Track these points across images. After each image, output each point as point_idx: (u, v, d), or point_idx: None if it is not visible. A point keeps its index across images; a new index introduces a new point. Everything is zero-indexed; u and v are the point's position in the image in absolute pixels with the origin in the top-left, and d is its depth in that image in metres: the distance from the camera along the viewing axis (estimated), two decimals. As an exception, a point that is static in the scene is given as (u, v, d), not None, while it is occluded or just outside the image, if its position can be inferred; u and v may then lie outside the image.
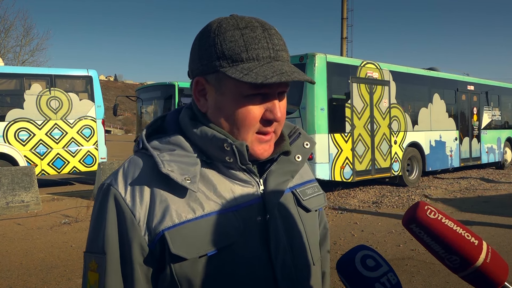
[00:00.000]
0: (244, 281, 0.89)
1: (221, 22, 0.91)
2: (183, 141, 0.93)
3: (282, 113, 0.93)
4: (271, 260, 0.92)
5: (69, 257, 5.33)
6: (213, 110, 0.94)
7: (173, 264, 0.86)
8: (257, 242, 0.92)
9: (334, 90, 9.53)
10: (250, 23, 0.90)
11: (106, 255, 0.87)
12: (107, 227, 0.88)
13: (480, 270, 0.71)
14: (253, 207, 0.93)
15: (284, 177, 0.98)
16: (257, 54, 0.88)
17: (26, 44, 28.35)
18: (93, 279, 0.88)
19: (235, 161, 0.91)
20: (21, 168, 8.74)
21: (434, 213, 0.74)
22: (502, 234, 6.11)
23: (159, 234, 0.86)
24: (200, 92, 0.95)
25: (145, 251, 0.87)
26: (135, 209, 0.87)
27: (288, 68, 0.89)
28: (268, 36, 0.90)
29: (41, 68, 13.84)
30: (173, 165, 0.89)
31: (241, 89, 0.89)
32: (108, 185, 0.91)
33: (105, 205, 0.89)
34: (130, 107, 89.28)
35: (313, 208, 1.06)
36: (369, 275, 0.83)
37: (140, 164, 0.92)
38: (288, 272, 0.94)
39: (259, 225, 0.93)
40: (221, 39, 0.89)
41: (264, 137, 0.93)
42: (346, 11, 19.24)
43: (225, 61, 0.88)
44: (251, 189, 0.94)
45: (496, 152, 15.00)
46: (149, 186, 0.89)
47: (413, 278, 4.44)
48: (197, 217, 0.88)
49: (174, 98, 12.61)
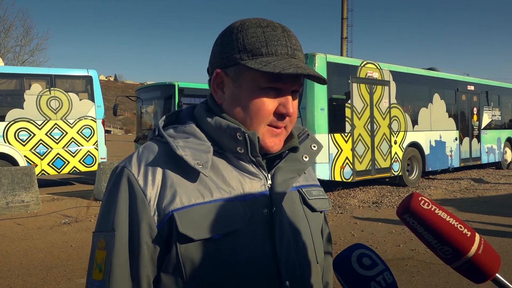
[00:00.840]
0: (247, 270, 0.90)
1: (244, 21, 0.98)
2: (197, 131, 0.97)
3: (294, 110, 0.97)
4: (276, 253, 0.93)
5: (69, 257, 5.33)
6: (230, 101, 0.98)
7: (179, 245, 0.88)
8: (262, 233, 0.93)
9: (334, 90, 9.53)
10: (271, 24, 0.97)
11: (115, 232, 0.89)
12: (118, 206, 0.90)
13: (472, 261, 0.72)
14: (260, 200, 0.96)
15: (291, 174, 1.01)
16: (276, 50, 0.94)
17: (26, 44, 28.33)
18: (100, 257, 0.90)
19: (246, 151, 0.95)
20: (21, 168, 8.74)
21: (428, 204, 0.74)
22: (502, 234, 6.11)
23: (168, 214, 0.88)
24: (218, 84, 0.99)
25: (153, 231, 0.89)
26: (146, 190, 0.90)
27: (303, 65, 0.94)
28: (287, 36, 0.97)
29: (41, 68, 13.83)
30: (187, 150, 0.93)
31: (258, 81, 0.94)
32: (122, 167, 0.94)
33: (118, 185, 0.92)
34: (130, 107, 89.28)
35: (318, 209, 1.08)
36: (365, 274, 0.84)
37: (154, 149, 0.96)
38: (292, 267, 0.95)
39: (265, 217, 0.95)
40: (244, 35, 0.95)
41: (275, 130, 0.97)
42: (346, 11, 19.23)
43: (245, 54, 0.94)
44: (259, 182, 0.97)
45: (496, 152, 14.99)
46: (161, 169, 0.93)
47: (413, 278, 4.44)
48: (205, 202, 0.91)
49: (174, 98, 12.60)
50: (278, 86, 0.95)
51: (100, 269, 0.90)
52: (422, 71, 12.29)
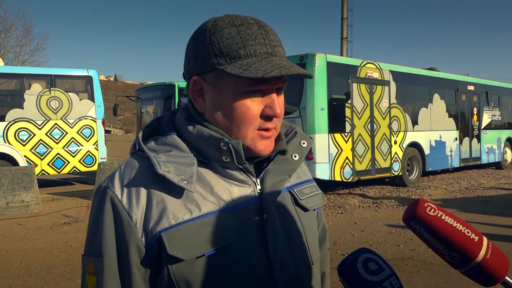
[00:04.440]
0: (243, 281, 0.89)
1: (216, 21, 0.91)
2: (179, 142, 0.92)
3: (281, 109, 0.93)
4: (270, 260, 0.91)
5: (69, 257, 5.32)
6: (211, 109, 0.93)
7: (170, 266, 0.86)
8: (255, 242, 0.91)
9: (334, 90, 9.53)
10: (246, 21, 0.91)
11: (103, 257, 0.86)
12: (104, 230, 0.87)
13: (480, 265, 0.72)
14: (251, 207, 0.92)
15: (281, 177, 0.97)
16: (254, 50, 0.88)
17: (26, 44, 28.33)
18: (91, 283, 0.88)
19: (231, 160, 0.91)
20: (21, 168, 8.74)
21: (434, 210, 0.74)
22: (502, 234, 6.11)
23: (156, 235, 0.85)
24: (197, 92, 0.94)
25: (142, 253, 0.86)
26: (131, 211, 0.87)
27: (286, 63, 0.89)
28: (264, 32, 0.91)
29: (41, 68, 13.83)
30: (170, 166, 0.88)
31: (239, 85, 0.89)
32: (104, 187, 0.90)
33: (101, 208, 0.88)
34: (130, 107, 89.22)
35: (311, 208, 1.05)
36: (371, 279, 0.82)
37: (136, 166, 0.92)
38: (287, 271, 0.93)
39: (257, 225, 0.92)
40: (218, 37, 0.89)
41: (265, 133, 0.92)
42: (346, 11, 19.24)
43: (223, 58, 0.88)
44: (248, 189, 0.94)
45: (496, 152, 14.99)
46: (145, 188, 0.88)
47: (413, 278, 4.44)
48: (194, 218, 0.87)
49: (174, 98, 12.60)
50: (262, 88, 0.90)
51: None
52: (422, 71, 12.29)
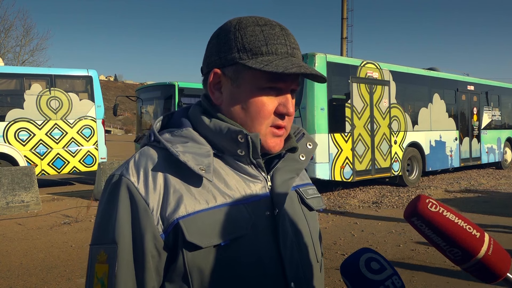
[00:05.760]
0: (254, 274, 0.90)
1: (240, 19, 0.95)
2: (195, 134, 0.94)
3: (293, 109, 0.97)
4: (281, 255, 0.93)
5: (69, 257, 5.32)
6: (228, 102, 0.95)
7: (186, 253, 0.86)
8: (267, 236, 0.93)
9: (334, 90, 9.53)
10: (269, 22, 0.95)
11: (117, 244, 0.85)
12: (118, 217, 0.86)
13: (482, 262, 0.72)
14: (262, 202, 0.94)
15: (290, 175, 1.00)
16: (276, 49, 0.92)
17: (26, 44, 28.36)
18: (101, 271, 0.86)
19: (246, 154, 0.93)
20: (21, 168, 8.74)
21: (435, 206, 0.74)
22: (502, 234, 6.11)
23: (173, 222, 0.85)
24: (215, 85, 0.97)
25: (157, 241, 0.86)
26: (148, 198, 0.86)
27: (304, 64, 0.93)
28: (286, 34, 0.95)
29: (41, 68, 13.82)
30: (188, 155, 0.89)
31: (258, 81, 0.92)
32: (119, 175, 0.90)
33: (116, 195, 0.88)
34: (130, 107, 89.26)
35: (315, 207, 1.08)
36: (373, 278, 0.83)
37: (152, 155, 0.92)
38: (296, 268, 0.95)
39: (268, 220, 0.94)
40: (242, 34, 0.93)
41: (277, 130, 0.96)
42: (346, 11, 19.23)
43: (245, 53, 0.92)
44: (259, 184, 0.96)
45: (496, 152, 15.00)
46: (162, 176, 0.89)
47: (413, 278, 4.44)
48: (210, 208, 0.88)
49: (174, 98, 12.60)
50: (279, 86, 0.93)
51: (102, 283, 0.86)
52: (422, 71, 12.29)
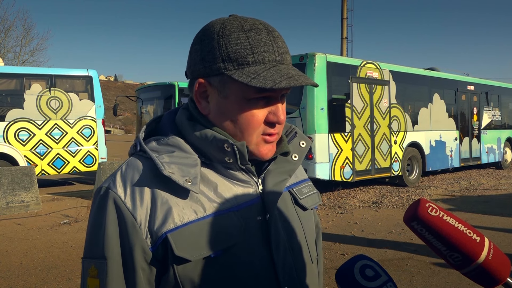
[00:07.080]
0: (247, 281, 0.89)
1: (224, 23, 0.90)
2: (182, 143, 0.92)
3: (284, 115, 0.94)
4: (273, 259, 0.92)
5: (69, 257, 5.33)
6: (216, 113, 0.93)
7: (176, 266, 0.85)
8: (259, 242, 0.92)
9: (334, 90, 9.52)
10: (255, 25, 0.90)
11: (107, 260, 0.85)
12: (107, 232, 0.85)
13: (482, 266, 0.71)
14: (253, 207, 0.93)
15: (282, 177, 0.98)
16: (263, 57, 0.88)
17: (26, 44, 28.33)
18: (93, 286, 0.86)
19: (234, 161, 0.91)
20: (21, 168, 8.74)
21: (436, 211, 0.73)
22: (502, 234, 6.11)
23: (162, 236, 0.84)
24: (201, 94, 0.93)
25: (147, 254, 0.85)
26: (135, 212, 0.85)
27: (294, 72, 0.89)
28: (273, 39, 0.90)
29: (41, 68, 13.81)
30: (173, 166, 0.87)
31: (246, 92, 0.89)
32: (106, 188, 0.89)
33: (104, 209, 0.87)
34: (130, 107, 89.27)
35: (309, 207, 1.07)
36: (368, 285, 0.83)
37: (138, 166, 0.90)
38: (289, 271, 0.94)
39: (260, 225, 0.92)
40: (226, 41, 0.88)
41: (269, 138, 0.93)
42: (346, 11, 19.23)
43: (230, 64, 0.87)
44: (250, 189, 0.94)
45: (496, 152, 14.99)
46: (149, 189, 0.87)
47: (413, 278, 4.44)
48: (199, 218, 0.87)
49: (174, 98, 12.61)
50: (268, 95, 0.90)
51: None
52: (422, 71, 12.29)
